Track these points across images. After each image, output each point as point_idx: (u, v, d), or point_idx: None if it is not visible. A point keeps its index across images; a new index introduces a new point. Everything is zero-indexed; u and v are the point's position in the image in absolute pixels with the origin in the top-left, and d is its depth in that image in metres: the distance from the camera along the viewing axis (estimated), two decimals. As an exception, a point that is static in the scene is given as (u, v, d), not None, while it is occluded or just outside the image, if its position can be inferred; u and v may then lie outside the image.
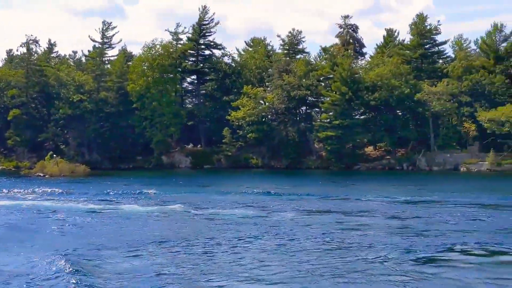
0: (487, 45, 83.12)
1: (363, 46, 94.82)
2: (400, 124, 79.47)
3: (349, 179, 61.82)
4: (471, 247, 22.08)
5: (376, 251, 21.47)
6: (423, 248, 21.91)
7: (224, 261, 20.17)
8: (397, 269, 18.76)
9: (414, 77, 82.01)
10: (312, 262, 19.86)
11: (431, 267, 19.37)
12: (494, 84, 76.64)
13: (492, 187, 51.18)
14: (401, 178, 64.29)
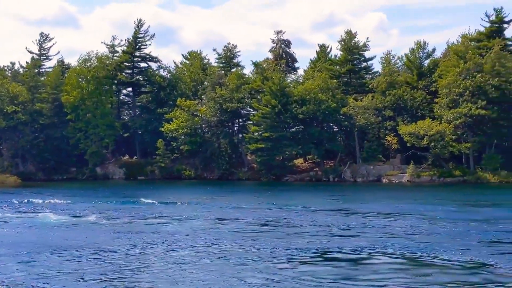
0: (410, 62, 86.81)
1: (295, 61, 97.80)
2: (327, 137, 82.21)
3: (271, 190, 63.96)
4: (342, 251, 24.21)
5: (255, 255, 23.32)
6: (298, 250, 23.93)
7: (109, 269, 21.53)
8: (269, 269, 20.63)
9: (342, 92, 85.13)
10: (191, 267, 21.56)
11: (304, 266, 21.29)
12: (415, 99, 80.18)
13: (399, 196, 54.07)
14: (320, 189, 66.72)
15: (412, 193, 59.28)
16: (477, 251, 24.18)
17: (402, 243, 26.02)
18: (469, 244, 25.78)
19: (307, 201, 48.35)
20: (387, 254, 23.86)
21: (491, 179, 73.68)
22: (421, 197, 53.21)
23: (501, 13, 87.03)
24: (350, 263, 22.62)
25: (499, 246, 25.58)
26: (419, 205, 44.69)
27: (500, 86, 75.33)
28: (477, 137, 76.52)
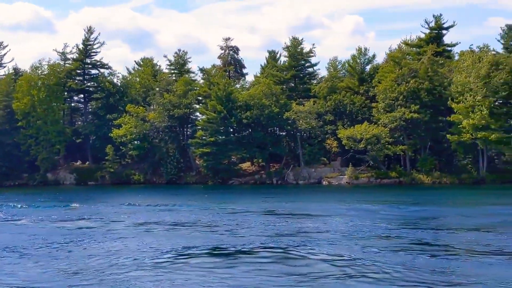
0: (352, 68, 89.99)
1: (243, 67, 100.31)
2: (271, 141, 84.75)
3: (212, 193, 66.07)
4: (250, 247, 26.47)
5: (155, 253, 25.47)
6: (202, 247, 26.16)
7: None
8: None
9: (287, 97, 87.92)
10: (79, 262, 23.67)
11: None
12: (354, 104, 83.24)
13: (326, 198, 56.67)
14: (260, 191, 68.83)
15: (341, 194, 61.95)
16: (360, 246, 26.30)
17: (292, 240, 28.16)
18: (359, 240, 28.03)
19: (237, 202, 50.64)
20: (268, 249, 26.06)
21: (425, 180, 77.12)
22: (346, 198, 55.83)
23: (440, 20, 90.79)
24: (228, 257, 24.82)
25: (386, 242, 27.77)
26: (338, 206, 47.13)
27: (432, 91, 78.79)
28: (412, 139, 79.87)
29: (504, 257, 22.79)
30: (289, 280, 19.67)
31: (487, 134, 72.40)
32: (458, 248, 24.90)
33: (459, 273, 19.80)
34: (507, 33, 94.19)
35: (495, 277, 18.97)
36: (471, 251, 24.08)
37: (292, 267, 22.18)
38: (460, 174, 77.84)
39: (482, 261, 22.06)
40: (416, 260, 22.29)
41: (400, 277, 19.16)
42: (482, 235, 29.25)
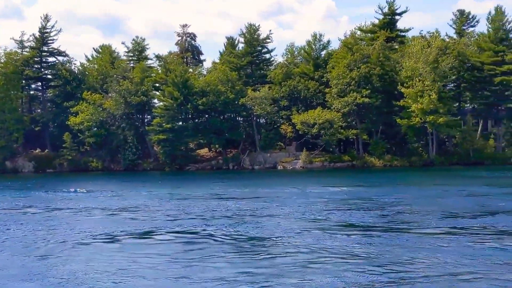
0: (307, 53, 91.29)
1: (201, 54, 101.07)
2: (227, 127, 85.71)
3: (165, 179, 66.99)
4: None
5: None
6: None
7: None
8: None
9: (244, 83, 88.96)
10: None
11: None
12: (309, 90, 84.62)
13: (273, 182, 57.92)
14: (214, 176, 69.47)
15: (288, 178, 63.43)
16: (266, 227, 27.71)
17: (221, 222, 29.31)
18: (269, 221, 29.43)
19: (187, 188, 51.69)
20: (195, 232, 27.22)
21: (377, 163, 79.10)
22: (291, 182, 57.11)
23: (393, 5, 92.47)
24: (152, 240, 25.89)
25: (305, 223, 29.11)
26: (279, 189, 48.43)
27: (384, 76, 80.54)
28: (364, 124, 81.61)
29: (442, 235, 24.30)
30: (193, 260, 20.78)
31: (436, 118, 74.46)
32: (400, 227, 26.17)
33: (400, 252, 20.98)
34: (459, 18, 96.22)
35: (428, 255, 20.21)
36: (410, 229, 25.41)
37: (207, 248, 23.28)
38: (410, 157, 79.91)
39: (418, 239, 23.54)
40: (349, 240, 23.60)
41: (336, 257, 20.07)
42: (415, 215, 30.79)
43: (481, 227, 25.58)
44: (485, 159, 77.29)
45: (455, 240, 22.55)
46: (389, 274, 17.47)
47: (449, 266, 18.18)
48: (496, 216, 28.96)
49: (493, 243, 21.99)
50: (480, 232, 24.14)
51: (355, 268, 18.22)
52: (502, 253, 20.01)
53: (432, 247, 21.20)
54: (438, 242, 22.07)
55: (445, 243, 21.89)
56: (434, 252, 20.16)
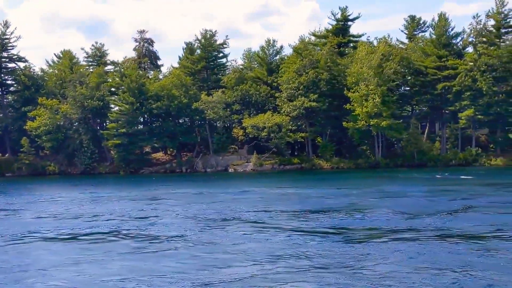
0: (261, 58, 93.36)
1: (158, 59, 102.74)
2: (181, 131, 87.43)
3: (111, 183, 68.60)
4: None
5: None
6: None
7: None
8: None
9: (199, 88, 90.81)
10: None
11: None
12: (260, 94, 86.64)
13: (215, 184, 59.83)
14: (163, 179, 71.04)
15: (227, 181, 65.38)
16: (190, 226, 29.44)
17: (120, 223, 31.14)
18: (194, 221, 31.23)
19: (122, 190, 53.46)
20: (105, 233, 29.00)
21: (325, 165, 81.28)
22: (233, 184, 59.23)
23: (346, 12, 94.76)
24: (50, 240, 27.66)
25: (223, 223, 30.91)
26: (194, 191, 50.38)
27: (331, 80, 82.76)
28: (313, 127, 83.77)
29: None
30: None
31: (379, 121, 76.77)
32: (324, 228, 28.33)
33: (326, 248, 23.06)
34: (410, 23, 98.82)
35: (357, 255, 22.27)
36: (342, 231, 27.47)
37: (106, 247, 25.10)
38: (357, 159, 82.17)
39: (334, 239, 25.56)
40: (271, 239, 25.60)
41: (255, 254, 21.86)
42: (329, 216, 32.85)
43: (356, 226, 27.78)
44: (428, 161, 79.69)
45: (330, 237, 24.68)
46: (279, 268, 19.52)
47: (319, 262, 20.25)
48: (365, 213, 31.18)
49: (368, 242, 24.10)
50: (352, 232, 26.33)
51: (231, 262, 20.27)
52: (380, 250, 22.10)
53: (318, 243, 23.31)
54: (325, 240, 24.19)
55: (319, 240, 24.00)
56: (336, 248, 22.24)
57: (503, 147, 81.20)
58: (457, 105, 79.46)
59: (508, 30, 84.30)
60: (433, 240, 23.13)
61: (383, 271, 18.12)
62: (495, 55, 76.66)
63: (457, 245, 21.97)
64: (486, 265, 18.72)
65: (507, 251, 20.77)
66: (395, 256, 20.34)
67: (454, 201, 37.38)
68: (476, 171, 67.22)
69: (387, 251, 21.12)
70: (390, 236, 24.37)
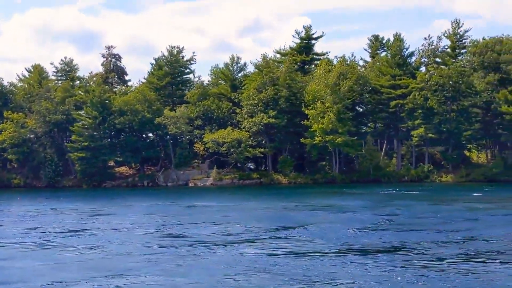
0: (224, 75, 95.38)
1: (125, 74, 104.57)
2: (144, 145, 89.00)
3: (67, 196, 69.94)
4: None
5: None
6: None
7: None
8: None
9: (164, 103, 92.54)
10: None
11: None
12: (222, 110, 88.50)
13: (163, 198, 61.45)
14: (121, 193, 72.47)
15: (178, 194, 67.11)
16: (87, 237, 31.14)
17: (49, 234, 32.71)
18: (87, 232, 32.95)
19: (60, 204, 55.03)
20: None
21: (283, 180, 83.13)
22: (179, 198, 60.90)
23: (310, 31, 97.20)
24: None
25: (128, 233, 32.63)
26: (153, 205, 52.08)
27: (290, 97, 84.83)
28: (272, 143, 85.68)
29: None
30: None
31: (334, 137, 78.83)
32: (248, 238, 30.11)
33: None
34: (373, 42, 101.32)
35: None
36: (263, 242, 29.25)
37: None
38: (315, 174, 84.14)
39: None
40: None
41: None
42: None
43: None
44: (382, 177, 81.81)
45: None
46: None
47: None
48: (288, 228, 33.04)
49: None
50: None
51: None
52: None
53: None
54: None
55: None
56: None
57: (455, 164, 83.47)
58: (410, 123, 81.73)
59: (462, 51, 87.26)
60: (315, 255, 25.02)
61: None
62: (445, 75, 79.09)
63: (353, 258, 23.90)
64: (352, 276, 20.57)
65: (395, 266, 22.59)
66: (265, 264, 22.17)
67: (376, 216, 39.24)
68: (424, 188, 69.37)
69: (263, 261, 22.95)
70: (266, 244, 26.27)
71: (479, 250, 25.03)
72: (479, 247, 25.80)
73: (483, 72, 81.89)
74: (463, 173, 79.84)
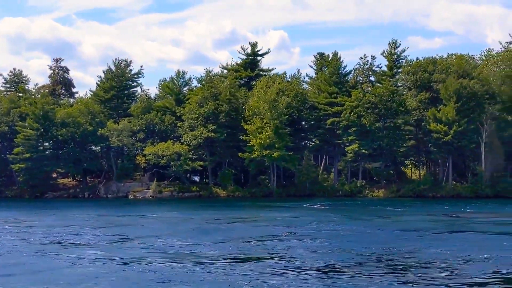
0: (169, 89, 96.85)
1: (72, 86, 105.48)
2: (86, 157, 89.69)
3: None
4: None
5: None
6: None
7: None
8: None
9: (107, 116, 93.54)
10: None
11: None
12: (164, 123, 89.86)
13: (92, 210, 62.61)
14: (53, 205, 73.64)
15: (109, 207, 68.23)
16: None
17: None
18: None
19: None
20: None
21: (221, 194, 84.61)
22: (94, 210, 62.12)
23: (256, 47, 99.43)
24: None
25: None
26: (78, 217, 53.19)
27: (231, 112, 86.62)
28: (213, 156, 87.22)
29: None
30: None
31: (271, 152, 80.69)
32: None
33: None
34: (319, 60, 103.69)
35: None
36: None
37: None
38: (253, 188, 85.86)
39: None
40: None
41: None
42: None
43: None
44: (317, 192, 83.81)
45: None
46: None
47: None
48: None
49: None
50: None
51: None
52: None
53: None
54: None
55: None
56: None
57: (392, 180, 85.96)
58: (345, 139, 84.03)
59: (398, 70, 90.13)
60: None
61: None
62: (377, 94, 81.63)
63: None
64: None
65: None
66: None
67: (283, 227, 41.18)
68: (354, 202, 71.68)
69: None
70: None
71: (340, 261, 26.93)
72: (343, 259, 27.69)
73: (415, 91, 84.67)
74: (393, 188, 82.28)
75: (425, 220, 47.54)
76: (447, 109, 78.68)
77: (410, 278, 23.12)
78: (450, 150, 79.55)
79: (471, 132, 78.72)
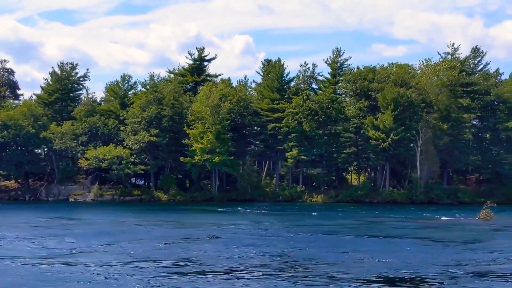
0: (114, 92, 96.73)
1: (17, 88, 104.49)
2: (28, 160, 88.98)
3: None
4: None
5: None
6: None
7: None
8: None
9: (52, 119, 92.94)
10: None
11: None
12: (107, 127, 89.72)
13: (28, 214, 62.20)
14: None
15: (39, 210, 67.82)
16: None
17: None
18: None
19: None
20: None
21: (163, 198, 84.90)
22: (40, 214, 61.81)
23: (203, 53, 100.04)
24: None
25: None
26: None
27: (173, 117, 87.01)
28: (155, 160, 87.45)
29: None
30: None
31: (212, 157, 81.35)
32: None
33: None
34: (265, 66, 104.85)
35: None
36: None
37: None
38: (195, 192, 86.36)
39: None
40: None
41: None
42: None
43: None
44: (258, 196, 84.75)
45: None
46: None
47: None
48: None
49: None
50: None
51: None
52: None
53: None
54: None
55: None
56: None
57: (329, 185, 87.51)
58: (286, 145, 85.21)
59: (341, 78, 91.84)
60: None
61: None
62: (317, 101, 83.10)
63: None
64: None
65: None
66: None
67: (208, 231, 41.79)
68: (292, 207, 72.78)
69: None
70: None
71: (242, 264, 27.63)
72: (247, 261, 28.37)
73: (355, 99, 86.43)
74: (332, 194, 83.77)
75: (345, 224, 48.78)
76: (385, 117, 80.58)
77: (294, 278, 23.97)
78: (388, 157, 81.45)
79: (407, 140, 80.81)
